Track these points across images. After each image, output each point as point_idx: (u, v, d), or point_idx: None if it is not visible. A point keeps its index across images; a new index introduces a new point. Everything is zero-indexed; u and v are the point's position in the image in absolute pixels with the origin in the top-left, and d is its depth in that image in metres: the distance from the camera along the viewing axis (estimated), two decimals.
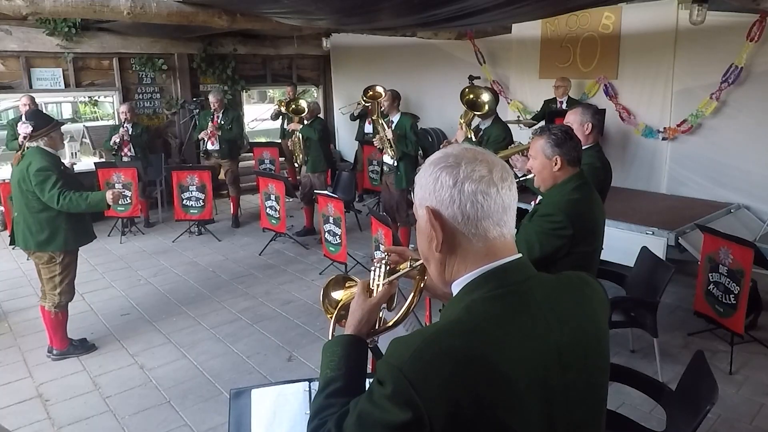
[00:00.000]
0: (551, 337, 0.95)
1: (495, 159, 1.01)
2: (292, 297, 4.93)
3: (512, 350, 0.90)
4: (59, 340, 3.91)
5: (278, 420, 1.64)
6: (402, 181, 5.42)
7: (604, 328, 1.05)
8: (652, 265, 3.59)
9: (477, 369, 0.86)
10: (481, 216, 0.97)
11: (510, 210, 0.99)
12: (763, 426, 3.05)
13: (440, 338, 0.90)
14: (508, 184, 0.99)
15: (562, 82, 6.40)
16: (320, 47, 8.93)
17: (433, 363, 0.86)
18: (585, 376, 0.98)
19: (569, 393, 0.95)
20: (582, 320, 1.01)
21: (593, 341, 1.01)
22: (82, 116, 10.83)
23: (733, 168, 5.55)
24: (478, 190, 0.96)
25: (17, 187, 3.68)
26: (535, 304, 0.96)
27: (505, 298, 0.95)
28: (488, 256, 0.98)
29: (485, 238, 0.98)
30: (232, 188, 7.16)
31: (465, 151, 1.00)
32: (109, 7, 4.46)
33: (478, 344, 0.89)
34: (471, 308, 0.95)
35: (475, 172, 0.97)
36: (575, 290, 1.05)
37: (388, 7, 4.34)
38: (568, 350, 0.96)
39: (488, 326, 0.91)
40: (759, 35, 5.12)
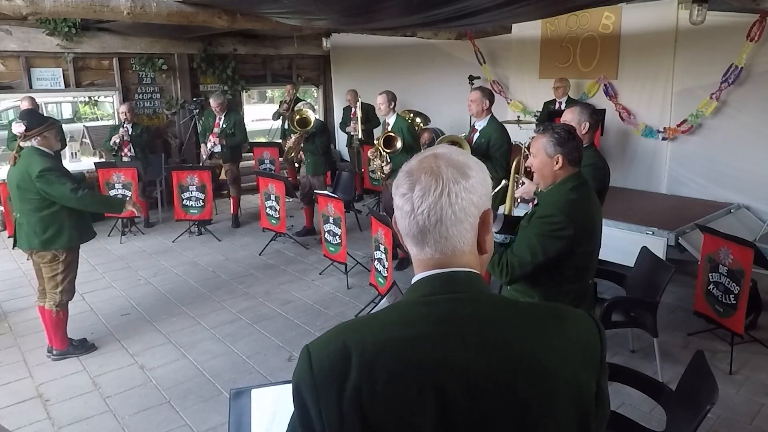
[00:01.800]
0: (461, 359, 0.87)
1: (429, 173, 0.94)
2: (292, 297, 4.93)
3: (397, 360, 0.87)
4: (59, 340, 3.91)
5: (278, 420, 1.64)
6: None
7: (561, 369, 0.90)
8: (652, 265, 3.59)
9: (360, 366, 0.87)
10: (404, 232, 0.97)
11: (431, 233, 0.93)
12: (763, 426, 3.05)
13: (347, 328, 0.95)
14: (429, 203, 0.92)
15: (560, 83, 6.40)
16: (320, 47, 8.93)
17: (335, 350, 0.90)
18: (508, 416, 0.87)
19: (477, 427, 0.86)
20: (519, 353, 0.89)
21: (534, 380, 0.88)
22: (82, 116, 10.83)
23: (733, 168, 5.55)
24: (398, 206, 0.96)
25: (15, 188, 3.66)
26: (457, 320, 0.90)
27: (428, 306, 0.92)
28: (433, 265, 0.96)
29: (420, 251, 0.97)
30: (232, 188, 7.16)
31: (423, 160, 0.97)
32: (109, 7, 4.46)
33: (366, 344, 0.89)
34: (386, 310, 0.97)
35: (399, 189, 0.96)
36: (533, 320, 0.93)
37: (388, 7, 4.34)
38: (484, 377, 0.86)
39: (397, 329, 0.91)
40: (759, 35, 5.12)
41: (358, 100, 7.92)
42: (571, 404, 0.90)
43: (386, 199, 5.70)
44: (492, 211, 1.00)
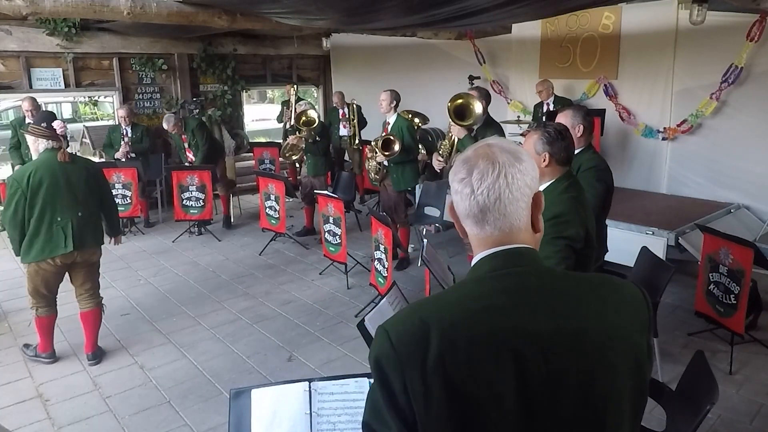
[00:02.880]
0: (533, 326, 0.95)
1: (486, 158, 1.03)
2: (292, 297, 4.93)
3: (476, 330, 0.94)
4: (96, 340, 3.91)
5: (278, 420, 1.64)
6: (400, 183, 5.42)
7: (619, 329, 1.00)
8: (652, 265, 3.59)
9: (443, 337, 0.93)
10: (463, 215, 1.06)
11: (491, 211, 1.02)
12: (763, 426, 3.05)
13: (422, 306, 1.02)
14: (488, 183, 1.01)
15: (542, 86, 6.46)
16: (320, 47, 8.93)
17: (413, 326, 0.96)
18: (579, 374, 0.95)
19: (553, 385, 0.94)
20: (583, 318, 0.98)
21: (598, 340, 0.97)
22: (82, 116, 10.84)
23: (733, 168, 5.55)
24: (456, 191, 1.05)
25: (84, 185, 3.64)
26: (525, 291, 0.99)
27: (495, 280, 1.01)
28: (493, 243, 1.04)
29: (482, 232, 1.05)
30: (220, 187, 7.04)
31: (478, 149, 1.06)
32: (109, 7, 4.46)
33: (445, 316, 0.96)
34: (457, 286, 1.05)
35: (457, 174, 1.05)
36: (587, 289, 1.03)
37: (388, 7, 4.34)
38: (555, 341, 0.95)
39: (459, 303, 0.99)
40: (759, 35, 5.12)
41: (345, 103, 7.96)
42: (629, 360, 1.00)
43: (385, 200, 5.70)
44: (542, 194, 1.08)
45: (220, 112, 8.83)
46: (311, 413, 1.65)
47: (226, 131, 8.98)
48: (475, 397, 0.93)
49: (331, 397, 1.68)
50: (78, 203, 3.62)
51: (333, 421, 1.66)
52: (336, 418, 1.66)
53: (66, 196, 3.56)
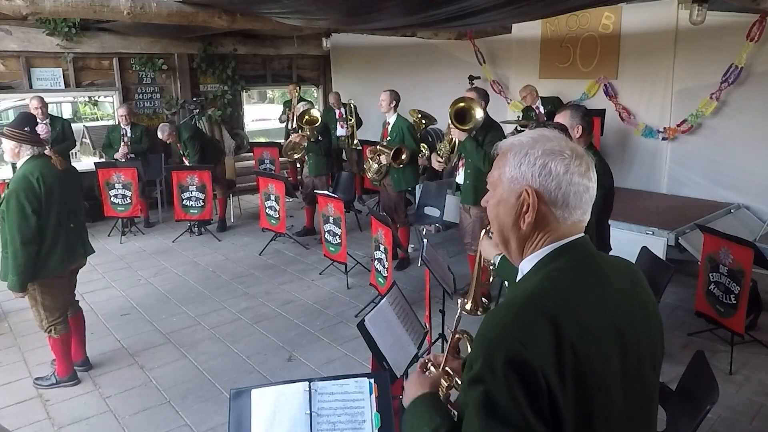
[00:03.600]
0: (621, 308, 1.05)
1: (586, 156, 1.11)
2: (292, 297, 4.93)
3: (593, 313, 1.00)
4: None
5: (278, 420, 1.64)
6: (400, 183, 5.42)
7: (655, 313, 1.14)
8: (652, 265, 3.59)
9: (571, 326, 0.96)
10: (577, 205, 1.09)
11: (583, 204, 1.10)
12: (763, 426, 3.05)
13: (534, 302, 0.99)
14: (592, 175, 1.10)
15: (526, 92, 6.58)
16: (320, 47, 8.93)
17: (536, 323, 0.95)
18: (641, 352, 1.07)
19: (634, 361, 1.04)
20: (643, 296, 1.13)
21: (652, 315, 1.12)
22: (82, 116, 10.84)
23: (733, 168, 5.56)
24: (581, 183, 1.08)
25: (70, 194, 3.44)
26: (604, 277, 1.08)
27: (578, 269, 1.07)
28: (562, 235, 1.10)
29: (572, 221, 1.10)
30: (218, 189, 6.98)
31: (567, 143, 1.11)
32: (109, 7, 4.46)
33: (566, 305, 0.99)
34: (551, 277, 1.05)
35: (581, 167, 1.08)
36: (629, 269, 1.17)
37: (389, 7, 4.34)
38: (637, 321, 1.07)
39: (570, 291, 1.02)
40: (759, 35, 5.12)
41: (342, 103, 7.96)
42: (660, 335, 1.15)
43: (384, 200, 5.70)
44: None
45: (220, 112, 8.83)
46: (311, 413, 1.65)
47: (226, 131, 8.99)
48: (601, 382, 0.97)
49: (331, 397, 1.68)
50: (78, 207, 3.56)
51: (333, 421, 1.66)
52: (336, 418, 1.66)
53: (71, 201, 3.45)
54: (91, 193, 7.18)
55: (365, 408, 1.68)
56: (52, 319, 3.42)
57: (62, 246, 3.33)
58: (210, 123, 8.65)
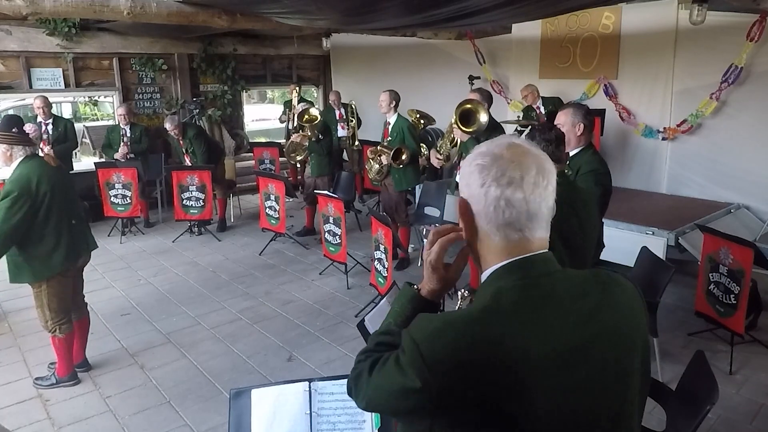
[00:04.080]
0: (575, 331, 0.96)
1: (535, 161, 1.00)
2: (292, 297, 4.93)
3: (530, 339, 0.93)
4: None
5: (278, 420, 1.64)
6: (402, 183, 5.42)
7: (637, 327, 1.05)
8: (652, 265, 3.59)
9: (488, 356, 0.92)
10: (502, 222, 1.00)
11: (537, 218, 1.00)
12: (763, 426, 3.05)
13: (460, 324, 0.96)
14: (540, 190, 0.98)
15: (527, 91, 6.56)
16: (320, 47, 8.92)
17: (447, 346, 0.93)
18: (611, 373, 0.99)
19: (592, 387, 0.97)
20: (608, 318, 1.01)
21: (622, 339, 1.02)
22: (82, 116, 10.84)
23: (733, 168, 5.55)
24: (502, 196, 0.98)
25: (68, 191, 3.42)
26: (558, 298, 0.98)
27: (528, 289, 0.98)
28: (515, 250, 1.01)
29: (506, 240, 1.01)
30: (218, 189, 6.97)
31: (506, 149, 1.01)
32: (109, 7, 4.46)
33: (497, 332, 0.93)
34: (497, 296, 0.99)
35: (504, 177, 0.98)
36: (606, 288, 1.05)
37: (388, 7, 4.34)
38: (592, 346, 0.97)
39: (510, 314, 0.96)
40: (759, 35, 5.12)
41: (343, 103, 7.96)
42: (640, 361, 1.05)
43: (385, 200, 5.70)
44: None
45: (220, 112, 8.83)
46: (311, 413, 1.65)
47: (226, 131, 8.99)
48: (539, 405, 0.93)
49: (331, 397, 1.68)
50: (76, 204, 3.56)
51: (333, 421, 1.66)
52: (336, 418, 1.66)
53: (70, 197, 3.45)
54: (91, 193, 7.19)
55: None
56: (57, 320, 3.42)
57: (65, 243, 3.32)
58: (210, 123, 8.64)
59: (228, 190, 7.32)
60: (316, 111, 6.36)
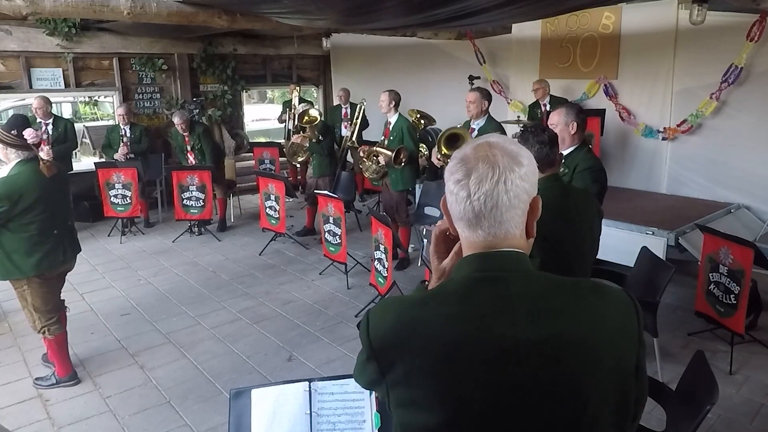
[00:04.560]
0: (511, 330, 0.94)
1: (489, 159, 0.98)
2: (292, 297, 4.93)
3: (455, 329, 0.96)
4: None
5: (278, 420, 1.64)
6: (398, 183, 5.41)
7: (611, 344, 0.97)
8: (652, 265, 3.59)
9: (412, 337, 0.97)
10: (456, 216, 1.03)
11: (486, 217, 0.99)
12: (763, 426, 3.05)
13: (405, 304, 1.04)
14: (485, 190, 0.97)
15: (539, 85, 6.46)
16: (320, 47, 8.92)
17: (387, 323, 1.01)
18: (556, 382, 0.93)
19: (525, 392, 0.93)
20: (568, 325, 0.95)
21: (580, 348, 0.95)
22: (82, 116, 10.84)
23: (733, 168, 5.55)
24: (452, 191, 1.02)
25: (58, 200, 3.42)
26: (507, 295, 0.97)
27: (477, 281, 0.99)
28: (484, 247, 1.02)
29: (470, 234, 1.02)
30: (218, 189, 6.96)
31: (472, 150, 1.02)
32: (109, 7, 4.46)
33: (427, 316, 0.98)
34: (446, 283, 1.04)
35: (454, 175, 1.01)
36: (577, 297, 1.00)
37: (388, 7, 4.34)
38: (532, 349, 0.93)
39: (444, 301, 0.99)
40: (759, 35, 5.12)
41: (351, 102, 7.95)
42: (612, 377, 0.96)
43: (386, 200, 5.70)
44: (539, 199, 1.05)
45: (220, 112, 8.83)
46: (311, 413, 1.65)
47: (226, 131, 8.99)
48: (440, 402, 0.95)
49: (331, 397, 1.68)
50: (66, 213, 3.54)
51: (333, 421, 1.66)
52: (336, 418, 1.66)
53: (58, 206, 3.42)
54: (91, 193, 7.19)
55: (365, 408, 1.68)
56: (45, 320, 3.44)
57: (40, 253, 3.29)
58: (210, 123, 8.64)
59: (228, 190, 7.32)
60: (316, 112, 6.37)
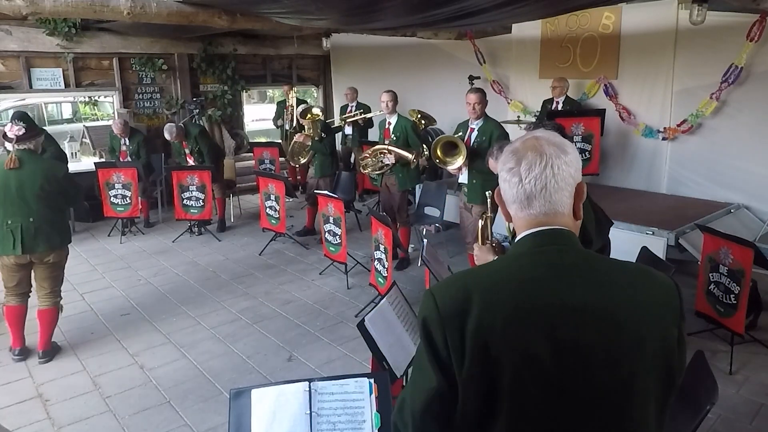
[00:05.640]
0: (569, 298, 1.02)
1: (535, 148, 1.10)
2: (292, 297, 4.93)
3: (521, 295, 1.03)
4: (49, 339, 3.92)
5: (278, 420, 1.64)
6: (405, 182, 5.41)
7: (650, 313, 1.05)
8: (652, 265, 3.58)
9: (486, 302, 1.02)
10: (509, 200, 1.15)
11: (537, 198, 1.10)
12: (763, 426, 3.05)
13: (466, 273, 1.13)
14: (535, 174, 1.09)
15: (558, 83, 6.39)
16: (320, 47, 8.93)
17: (450, 288, 1.08)
18: (608, 348, 1.01)
19: (582, 356, 1.00)
20: (617, 297, 1.04)
21: (629, 319, 1.03)
22: (82, 116, 10.85)
23: (733, 168, 5.55)
24: (505, 179, 1.14)
25: (30, 191, 3.58)
26: (563, 265, 1.06)
27: (536, 255, 1.09)
28: (537, 224, 1.12)
29: (523, 214, 1.13)
30: (217, 189, 6.93)
31: (526, 141, 1.14)
32: (109, 7, 4.46)
33: (495, 283, 1.05)
34: (506, 257, 1.16)
35: (506, 164, 1.14)
36: (624, 272, 1.09)
37: (389, 7, 4.35)
38: (588, 316, 1.01)
39: (511, 272, 1.07)
40: (759, 35, 5.12)
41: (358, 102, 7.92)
42: (658, 343, 1.05)
43: (385, 200, 5.70)
44: (584, 184, 1.15)
45: (220, 112, 8.83)
46: (311, 413, 1.65)
47: (226, 131, 8.99)
48: (507, 361, 0.99)
49: (331, 397, 1.68)
50: (29, 208, 3.61)
51: (333, 421, 1.66)
52: (336, 418, 1.66)
53: (16, 201, 3.57)
54: (91, 193, 7.19)
55: (365, 408, 1.68)
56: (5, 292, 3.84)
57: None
58: (210, 123, 8.65)
59: (227, 189, 7.32)
60: (318, 110, 6.37)
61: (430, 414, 1.06)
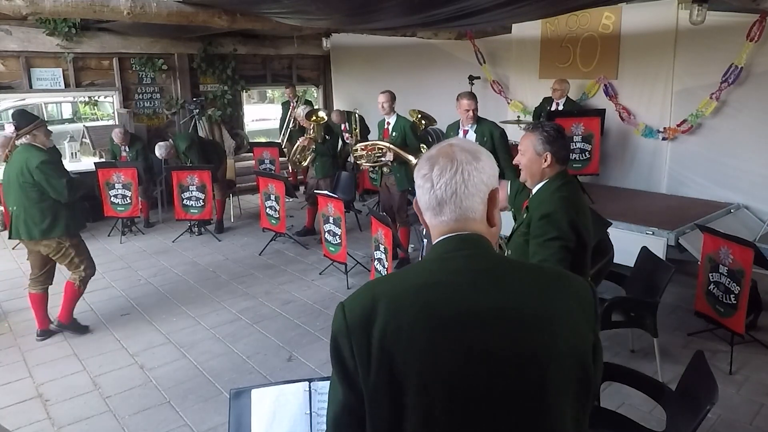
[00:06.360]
0: (475, 304, 1.01)
1: (448, 155, 1.10)
2: (292, 297, 4.93)
3: (425, 300, 1.01)
4: (68, 314, 4.23)
5: (278, 420, 1.64)
6: (404, 182, 5.41)
7: (564, 318, 1.03)
8: (652, 265, 3.59)
9: (391, 308, 1.01)
10: (424, 207, 1.14)
11: (448, 203, 1.09)
12: (763, 426, 3.05)
13: (376, 282, 1.12)
14: (446, 179, 1.08)
15: (559, 85, 6.34)
16: (320, 47, 8.94)
17: (359, 298, 1.07)
18: (517, 354, 0.99)
19: (490, 362, 0.98)
20: (528, 301, 1.02)
21: (540, 324, 1.01)
22: (82, 116, 10.85)
23: (733, 168, 5.55)
24: (419, 185, 1.13)
25: (14, 181, 3.90)
26: (472, 271, 1.05)
27: (445, 260, 1.08)
28: (448, 231, 1.11)
29: (435, 221, 1.12)
30: (217, 190, 6.92)
31: (441, 148, 1.14)
32: (109, 7, 4.46)
33: (400, 290, 1.05)
34: (416, 264, 1.14)
35: (421, 170, 1.13)
36: (538, 277, 1.09)
37: (389, 7, 4.34)
38: (494, 317, 1.00)
39: (418, 279, 1.06)
40: (759, 35, 5.12)
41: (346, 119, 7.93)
42: (570, 352, 1.02)
43: (384, 200, 5.70)
44: (499, 191, 1.15)
45: (220, 112, 8.84)
46: (311, 413, 1.65)
47: (226, 131, 8.99)
48: (411, 370, 0.98)
49: None
50: (16, 197, 3.92)
51: None
52: None
53: (9, 190, 3.95)
54: (91, 193, 7.18)
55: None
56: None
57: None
58: (210, 123, 8.65)
59: (227, 190, 7.31)
60: (322, 113, 6.38)
61: (340, 427, 1.06)
